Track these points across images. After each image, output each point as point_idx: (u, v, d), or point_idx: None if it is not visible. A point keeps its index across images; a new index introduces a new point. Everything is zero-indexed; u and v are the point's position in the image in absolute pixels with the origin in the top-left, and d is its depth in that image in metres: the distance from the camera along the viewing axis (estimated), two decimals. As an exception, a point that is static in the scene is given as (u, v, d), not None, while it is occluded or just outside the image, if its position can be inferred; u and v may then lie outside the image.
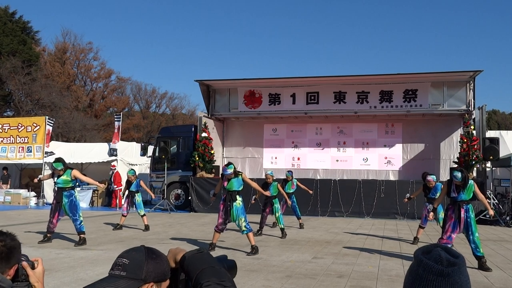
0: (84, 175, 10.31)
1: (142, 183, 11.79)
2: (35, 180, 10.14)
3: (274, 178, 10.93)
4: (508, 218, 13.42)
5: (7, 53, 31.43)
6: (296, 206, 12.10)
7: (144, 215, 11.33)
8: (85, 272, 6.24)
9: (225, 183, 8.14)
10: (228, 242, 9.28)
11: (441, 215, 9.08)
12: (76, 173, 8.99)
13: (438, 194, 8.71)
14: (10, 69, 30.61)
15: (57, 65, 37.95)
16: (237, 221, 8.02)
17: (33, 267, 1.81)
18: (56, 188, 9.20)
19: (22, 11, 44.75)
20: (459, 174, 7.06)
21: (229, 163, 8.29)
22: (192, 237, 10.00)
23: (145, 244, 1.47)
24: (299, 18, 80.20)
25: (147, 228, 11.10)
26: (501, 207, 14.56)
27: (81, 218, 8.84)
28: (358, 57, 78.40)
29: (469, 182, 7.11)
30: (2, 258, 1.81)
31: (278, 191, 10.69)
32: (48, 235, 8.96)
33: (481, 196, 7.33)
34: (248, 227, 7.96)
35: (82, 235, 8.76)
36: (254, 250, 7.88)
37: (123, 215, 11.37)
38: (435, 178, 9.49)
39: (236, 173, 8.18)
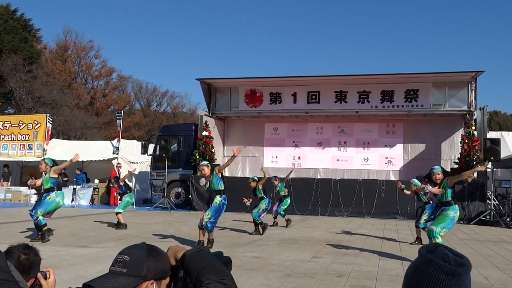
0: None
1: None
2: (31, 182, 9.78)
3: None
4: (508, 219, 13.41)
5: (8, 50, 31.45)
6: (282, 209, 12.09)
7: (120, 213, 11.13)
8: (85, 270, 6.24)
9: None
10: (228, 241, 9.28)
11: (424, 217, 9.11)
12: (54, 169, 8.77)
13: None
14: (11, 67, 30.65)
15: (58, 63, 37.98)
16: (205, 215, 8.05)
17: (45, 278, 1.89)
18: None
19: (24, 9, 44.96)
20: (437, 166, 7.09)
21: (204, 161, 8.50)
22: (192, 236, 9.99)
23: (145, 242, 1.46)
24: (299, 18, 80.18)
25: (121, 226, 10.96)
26: (501, 208, 14.55)
27: (37, 215, 8.58)
28: (359, 57, 78.40)
29: (444, 180, 6.84)
30: (24, 270, 1.91)
31: (262, 191, 10.75)
32: (44, 228, 8.64)
33: (461, 174, 7.02)
34: (210, 226, 8.02)
35: (44, 228, 8.56)
36: (200, 244, 8.03)
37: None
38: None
39: (212, 169, 8.13)
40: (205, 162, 8.48)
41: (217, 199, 8.11)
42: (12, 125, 20.41)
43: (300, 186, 15.84)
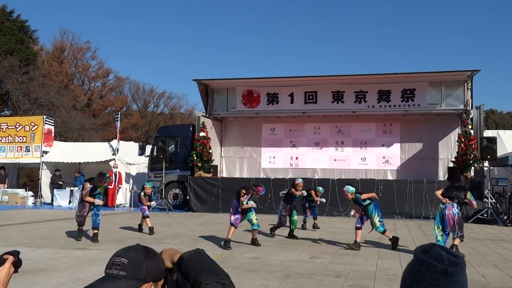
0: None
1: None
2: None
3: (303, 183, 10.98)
4: (505, 217, 13.45)
5: (4, 52, 31.35)
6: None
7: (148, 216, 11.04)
8: (82, 272, 6.22)
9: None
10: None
11: (376, 219, 8.68)
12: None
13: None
14: (7, 68, 30.53)
15: (55, 64, 37.85)
16: (250, 216, 8.79)
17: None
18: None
19: (20, 10, 44.75)
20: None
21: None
22: (190, 237, 9.99)
23: (143, 244, 1.46)
24: (296, 17, 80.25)
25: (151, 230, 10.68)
26: (498, 206, 14.60)
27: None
28: (356, 57, 78.53)
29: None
30: None
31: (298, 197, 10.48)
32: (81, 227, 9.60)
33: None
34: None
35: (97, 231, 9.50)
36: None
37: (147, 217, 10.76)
38: (350, 189, 8.86)
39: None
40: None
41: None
42: (9, 127, 20.34)
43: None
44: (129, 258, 1.34)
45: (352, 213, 9.12)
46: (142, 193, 10.85)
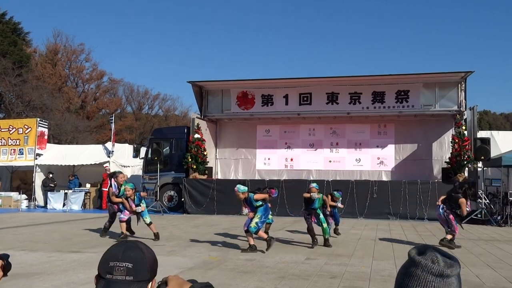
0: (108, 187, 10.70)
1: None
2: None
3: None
4: (499, 217, 13.53)
5: (-3, 54, 31.14)
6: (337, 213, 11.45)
7: (151, 222, 10.12)
8: (76, 275, 6.18)
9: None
10: (224, 244, 9.26)
11: (255, 220, 8.32)
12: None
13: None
14: (0, 71, 30.34)
15: (48, 67, 37.67)
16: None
17: None
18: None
19: (13, 12, 44.57)
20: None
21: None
22: (185, 239, 9.96)
23: (127, 240, 1.42)
24: (296, 17, 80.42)
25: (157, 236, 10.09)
26: (492, 207, 14.68)
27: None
28: (355, 57, 78.85)
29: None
30: None
31: (322, 202, 9.97)
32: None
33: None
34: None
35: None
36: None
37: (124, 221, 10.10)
38: (241, 188, 8.43)
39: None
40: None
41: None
42: (2, 130, 20.21)
43: (293, 187, 15.85)
44: (132, 261, 1.31)
45: (245, 212, 9.32)
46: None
